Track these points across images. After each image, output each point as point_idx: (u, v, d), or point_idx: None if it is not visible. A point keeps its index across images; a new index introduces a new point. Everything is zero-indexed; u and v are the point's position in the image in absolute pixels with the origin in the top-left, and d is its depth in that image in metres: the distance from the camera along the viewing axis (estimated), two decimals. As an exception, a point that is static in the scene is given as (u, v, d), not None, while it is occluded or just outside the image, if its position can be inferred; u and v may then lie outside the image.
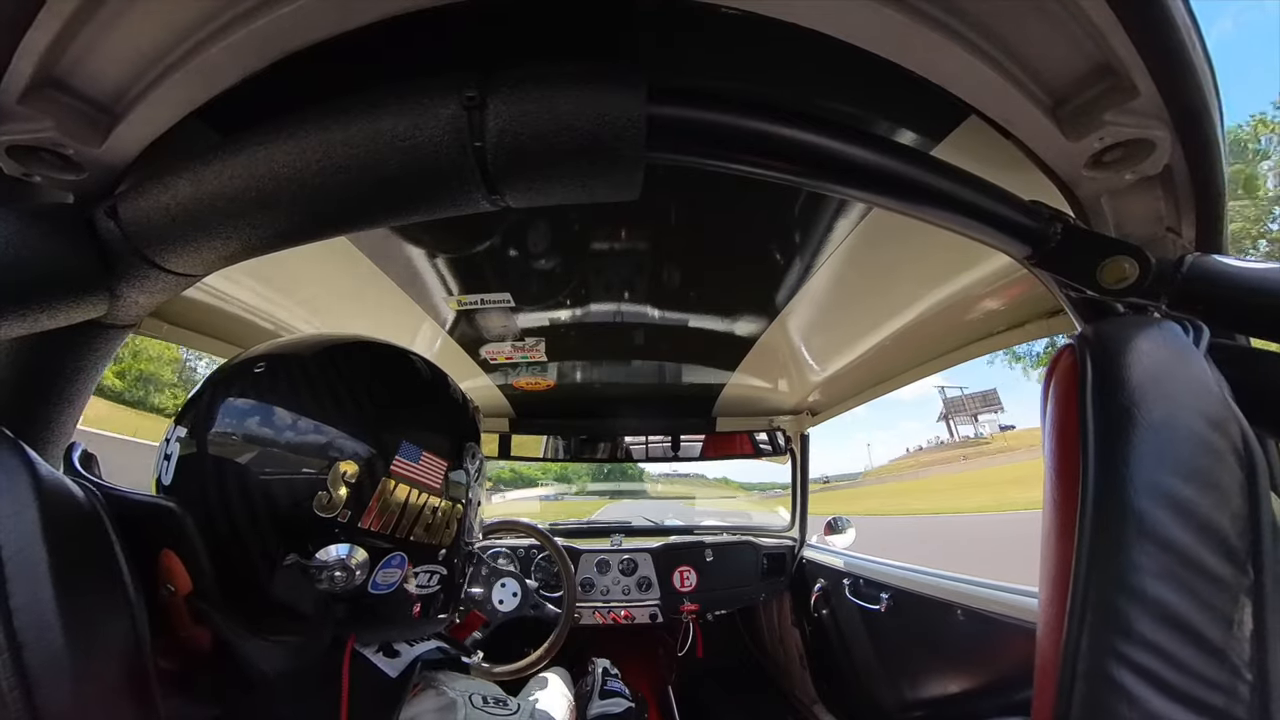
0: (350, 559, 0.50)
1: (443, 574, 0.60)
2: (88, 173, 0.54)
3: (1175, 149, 0.52)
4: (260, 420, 0.51)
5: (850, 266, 1.09)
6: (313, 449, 0.50)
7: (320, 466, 0.50)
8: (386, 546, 0.53)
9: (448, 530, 0.60)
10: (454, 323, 1.42)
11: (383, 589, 0.54)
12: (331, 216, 0.53)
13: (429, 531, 0.57)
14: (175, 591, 0.45)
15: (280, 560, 0.48)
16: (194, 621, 0.46)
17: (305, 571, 0.49)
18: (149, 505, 0.46)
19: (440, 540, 0.59)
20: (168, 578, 0.45)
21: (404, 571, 0.55)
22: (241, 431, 0.51)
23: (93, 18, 0.43)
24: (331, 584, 0.50)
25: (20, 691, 0.31)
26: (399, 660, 0.53)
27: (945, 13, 0.46)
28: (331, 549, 0.50)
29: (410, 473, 0.55)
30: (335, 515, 0.50)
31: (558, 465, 2.55)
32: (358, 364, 0.58)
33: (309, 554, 0.49)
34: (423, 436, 0.57)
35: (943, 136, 0.65)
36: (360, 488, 0.51)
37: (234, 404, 0.52)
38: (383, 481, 0.53)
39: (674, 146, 0.51)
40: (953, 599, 1.43)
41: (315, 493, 0.49)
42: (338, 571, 0.50)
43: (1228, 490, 0.39)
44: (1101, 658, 0.38)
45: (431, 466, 0.57)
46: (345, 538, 0.50)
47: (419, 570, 0.57)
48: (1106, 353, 0.44)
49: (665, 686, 2.20)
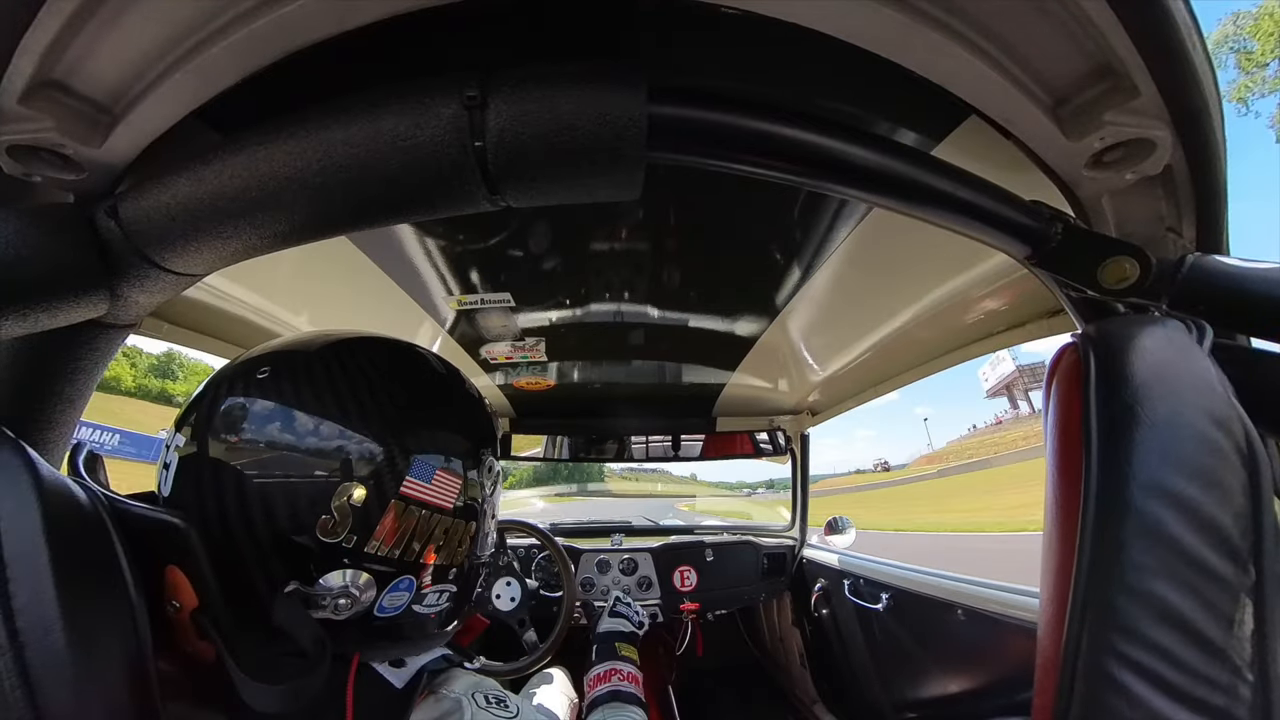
0: (354, 585, 0.48)
1: (453, 591, 0.57)
2: (88, 173, 0.54)
3: (1176, 149, 0.52)
4: (265, 425, 0.49)
5: (850, 266, 1.09)
6: (319, 456, 0.48)
7: (325, 476, 0.47)
8: (393, 571, 0.50)
9: (460, 548, 0.56)
10: (454, 322, 1.42)
11: (389, 612, 0.51)
12: (331, 216, 0.52)
13: (440, 552, 0.53)
14: (181, 608, 0.44)
15: (281, 587, 0.46)
16: (199, 638, 0.45)
17: (307, 600, 0.46)
18: (154, 520, 0.45)
19: (452, 560, 0.55)
20: (173, 594, 0.44)
21: (412, 594, 0.52)
22: (244, 437, 0.49)
23: (93, 18, 0.43)
24: (335, 611, 0.47)
25: (22, 691, 0.31)
26: (405, 670, 0.52)
27: (945, 13, 0.46)
28: (335, 575, 0.47)
29: (422, 493, 0.51)
30: (340, 540, 0.47)
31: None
32: (367, 364, 0.54)
33: (311, 579, 0.47)
34: (437, 451, 0.53)
35: (943, 136, 0.65)
36: (368, 511, 0.48)
37: (234, 410, 0.50)
38: (393, 504, 0.49)
39: (674, 146, 0.51)
40: (953, 599, 1.43)
41: (319, 517, 0.47)
42: (341, 599, 0.47)
43: (1230, 489, 0.39)
44: (1102, 656, 0.38)
45: (445, 485, 0.53)
46: (350, 563, 0.48)
47: (427, 591, 0.54)
48: (1110, 350, 0.44)
49: (665, 686, 2.20)
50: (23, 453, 0.37)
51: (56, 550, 0.35)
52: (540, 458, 2.50)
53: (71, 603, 0.35)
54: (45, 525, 0.35)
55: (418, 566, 0.52)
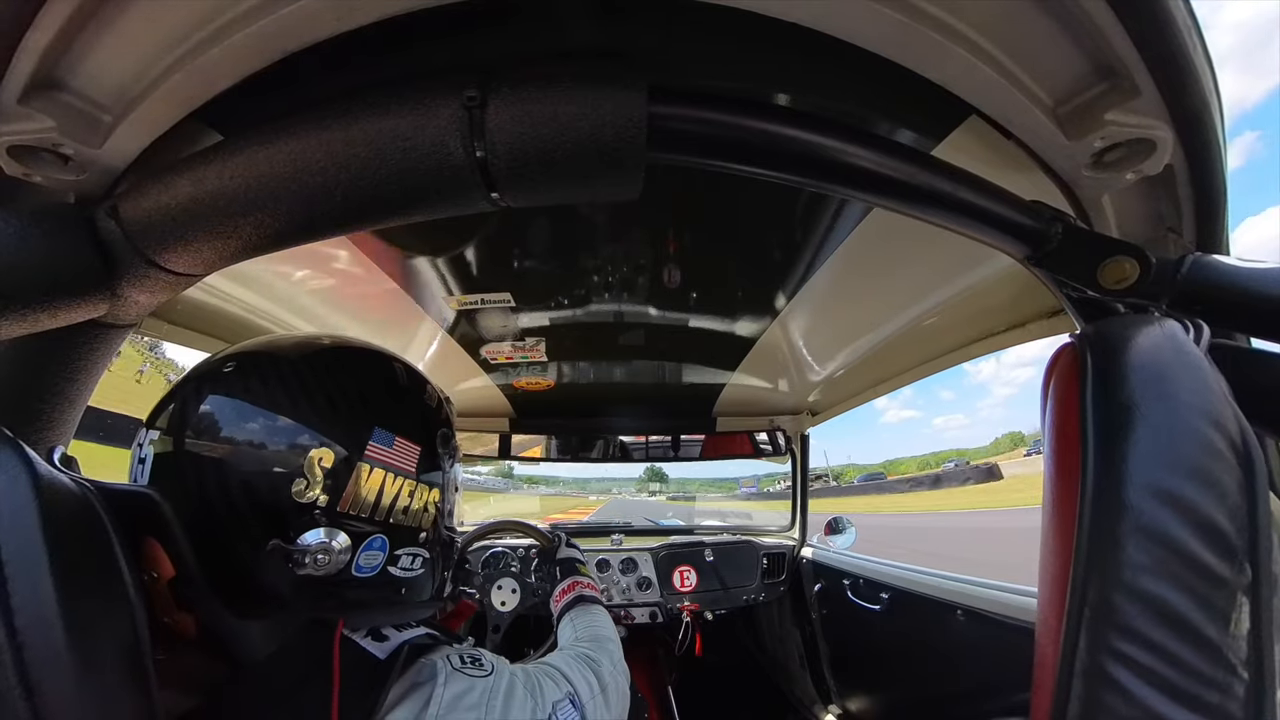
0: (331, 542, 0.52)
1: (425, 557, 0.63)
2: (88, 173, 0.54)
3: (1176, 149, 0.52)
4: (235, 418, 0.52)
5: (850, 266, 1.09)
6: (287, 443, 0.52)
7: (295, 458, 0.51)
8: (367, 530, 0.55)
9: (426, 514, 0.62)
10: (454, 323, 1.42)
11: (366, 571, 0.56)
12: (331, 216, 0.53)
13: (407, 514, 0.59)
14: (158, 578, 0.47)
15: (263, 546, 0.50)
16: (177, 608, 0.47)
17: (288, 556, 0.50)
18: (128, 494, 0.47)
19: (419, 523, 0.61)
20: (150, 565, 0.46)
21: (386, 554, 0.57)
22: (216, 429, 0.51)
23: (93, 18, 0.43)
24: (315, 567, 0.51)
25: (21, 690, 0.31)
26: (387, 644, 0.53)
27: (946, 13, 0.46)
28: (312, 534, 0.51)
29: (384, 457, 0.57)
30: (315, 501, 0.52)
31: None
32: (327, 361, 0.59)
33: (290, 539, 0.51)
34: (395, 424, 0.59)
35: (943, 136, 0.65)
36: (336, 474, 0.53)
37: (207, 403, 0.53)
38: (358, 466, 0.54)
39: (674, 146, 0.51)
40: (952, 599, 1.43)
41: (293, 481, 0.51)
42: (320, 555, 0.51)
43: (1227, 489, 0.39)
44: (1100, 655, 0.38)
45: (405, 451, 0.59)
46: (326, 522, 0.52)
47: (400, 553, 0.59)
48: (1107, 351, 0.44)
49: (665, 686, 2.20)
50: (21, 452, 0.37)
51: (54, 550, 0.35)
52: (540, 458, 2.50)
53: (70, 602, 0.35)
54: (43, 526, 0.35)
55: (388, 526, 0.57)
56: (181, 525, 0.46)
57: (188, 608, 0.48)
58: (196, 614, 0.48)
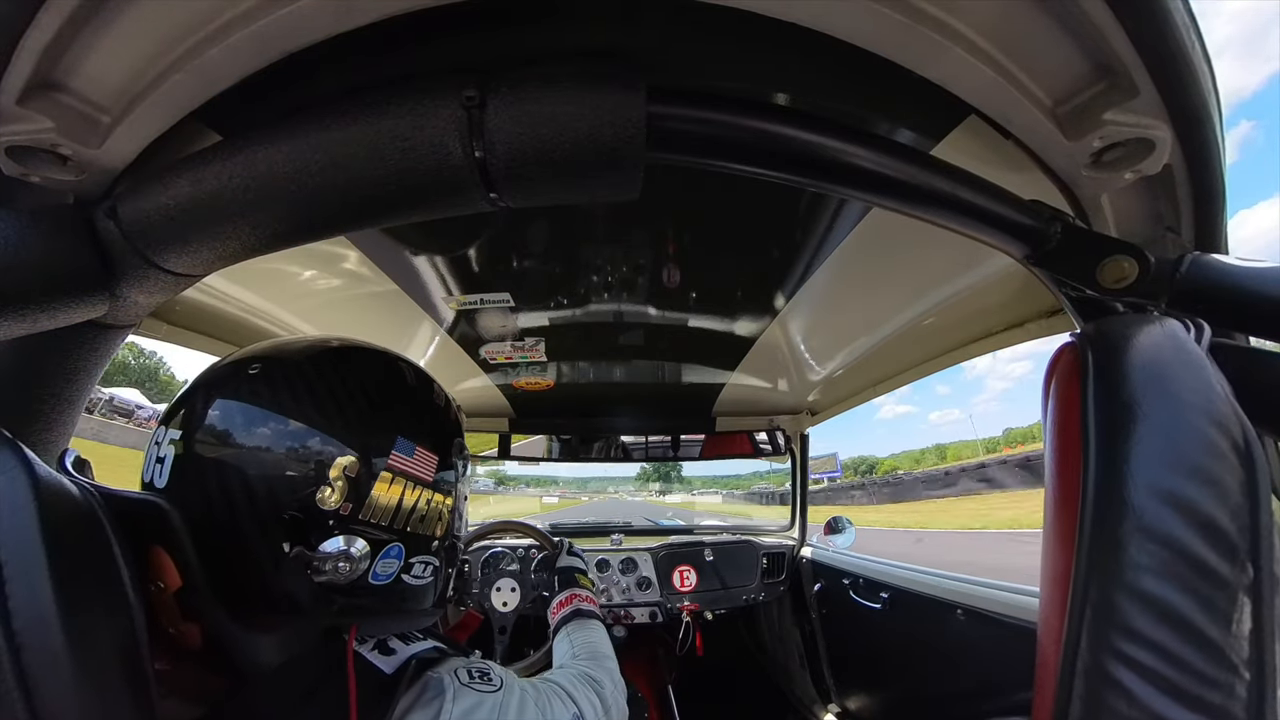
0: (351, 550, 0.52)
1: (435, 565, 0.64)
2: (87, 173, 0.54)
3: (1175, 148, 0.52)
4: (259, 422, 0.51)
5: (850, 266, 1.09)
6: (312, 449, 0.51)
7: (320, 464, 0.51)
8: (385, 538, 0.56)
9: (440, 522, 0.63)
10: (454, 323, 1.42)
11: (382, 579, 0.56)
12: (331, 216, 0.52)
13: (424, 523, 0.60)
14: (164, 588, 0.46)
15: (283, 553, 0.50)
16: (183, 618, 0.47)
17: (308, 563, 0.50)
18: (136, 502, 0.46)
19: (433, 531, 0.62)
20: (157, 574, 0.46)
21: (401, 562, 0.58)
22: (242, 434, 0.51)
23: (92, 18, 0.43)
24: (335, 574, 0.51)
25: (20, 692, 0.31)
26: (395, 658, 0.53)
27: (945, 12, 0.46)
28: (334, 540, 0.51)
29: (406, 467, 0.57)
30: (338, 509, 0.52)
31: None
32: (350, 366, 0.59)
33: (312, 546, 0.51)
34: (415, 433, 0.59)
35: (942, 136, 0.65)
36: (359, 482, 0.53)
37: (232, 406, 0.52)
38: (381, 475, 0.55)
39: (673, 146, 0.51)
40: (952, 599, 1.43)
41: (318, 487, 0.51)
42: (341, 562, 0.51)
43: (1228, 488, 0.39)
44: (1101, 655, 0.38)
45: (424, 461, 0.60)
46: (346, 529, 0.52)
47: (414, 561, 0.60)
48: (1109, 350, 0.44)
49: (665, 686, 2.20)
50: (20, 453, 0.37)
51: (53, 552, 0.35)
52: (539, 458, 2.50)
53: (68, 604, 0.35)
54: (42, 527, 0.35)
55: (405, 535, 0.58)
56: (191, 534, 0.46)
57: (194, 618, 0.47)
58: (202, 624, 0.47)
